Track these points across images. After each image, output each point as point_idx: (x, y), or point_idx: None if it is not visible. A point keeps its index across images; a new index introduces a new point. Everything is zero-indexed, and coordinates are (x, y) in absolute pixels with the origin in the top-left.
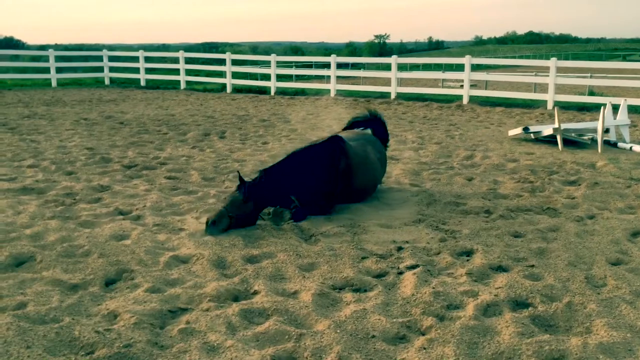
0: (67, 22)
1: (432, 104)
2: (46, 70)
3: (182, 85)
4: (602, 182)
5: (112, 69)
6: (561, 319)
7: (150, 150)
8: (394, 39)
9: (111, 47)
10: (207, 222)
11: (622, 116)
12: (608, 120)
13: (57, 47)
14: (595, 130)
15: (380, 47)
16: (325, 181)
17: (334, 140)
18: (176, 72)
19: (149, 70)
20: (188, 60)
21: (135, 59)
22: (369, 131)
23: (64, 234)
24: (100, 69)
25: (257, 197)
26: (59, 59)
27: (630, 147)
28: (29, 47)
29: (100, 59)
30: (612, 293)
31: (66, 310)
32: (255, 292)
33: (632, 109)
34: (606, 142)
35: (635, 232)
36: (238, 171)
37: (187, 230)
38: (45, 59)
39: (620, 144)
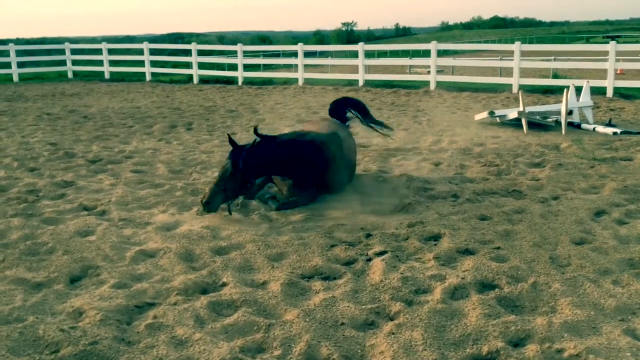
0: (27, 15)
1: (399, 91)
2: (7, 65)
3: (148, 77)
4: (566, 163)
5: (75, 62)
6: (527, 299)
7: (116, 144)
8: (361, 26)
9: (74, 40)
10: (201, 202)
11: (585, 98)
12: (571, 103)
13: (18, 41)
14: (559, 113)
15: (348, 35)
16: (315, 171)
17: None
18: (141, 64)
19: (113, 63)
20: (153, 52)
21: (99, 52)
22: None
23: (27, 232)
24: (63, 63)
25: (251, 165)
26: (20, 53)
27: (594, 128)
28: None
29: (62, 52)
30: (576, 272)
31: (30, 309)
32: (224, 284)
33: (594, 91)
34: (570, 124)
35: (598, 212)
36: (229, 134)
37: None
38: (6, 53)
39: (583, 125)
